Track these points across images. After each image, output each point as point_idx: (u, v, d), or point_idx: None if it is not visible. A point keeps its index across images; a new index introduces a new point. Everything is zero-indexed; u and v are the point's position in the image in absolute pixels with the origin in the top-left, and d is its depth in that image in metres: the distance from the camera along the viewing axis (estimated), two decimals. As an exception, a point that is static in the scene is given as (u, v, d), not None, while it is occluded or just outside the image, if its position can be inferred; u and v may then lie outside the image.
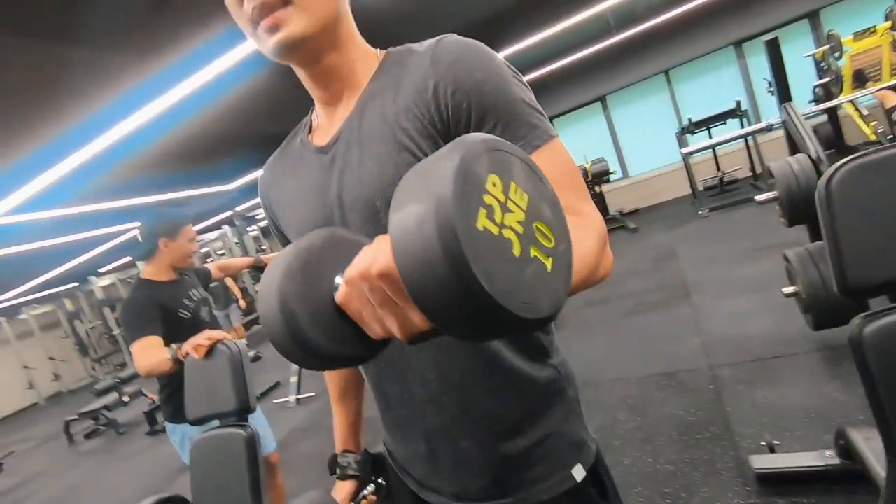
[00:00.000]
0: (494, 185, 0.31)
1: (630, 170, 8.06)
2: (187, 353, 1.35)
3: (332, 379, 0.88)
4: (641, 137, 7.83)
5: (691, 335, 2.92)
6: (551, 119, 8.26)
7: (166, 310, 1.74)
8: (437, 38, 0.60)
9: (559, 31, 5.01)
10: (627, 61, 7.18)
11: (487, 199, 0.30)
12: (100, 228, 6.01)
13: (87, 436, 5.97)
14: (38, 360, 10.78)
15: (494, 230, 0.30)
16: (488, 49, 0.59)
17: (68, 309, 10.62)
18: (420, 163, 0.33)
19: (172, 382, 1.73)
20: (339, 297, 0.38)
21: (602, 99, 7.89)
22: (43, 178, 3.54)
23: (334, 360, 0.43)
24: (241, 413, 1.30)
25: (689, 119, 6.29)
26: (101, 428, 5.94)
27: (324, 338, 0.40)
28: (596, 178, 6.89)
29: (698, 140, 6.44)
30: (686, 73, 7.35)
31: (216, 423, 1.35)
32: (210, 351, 1.33)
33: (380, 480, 0.87)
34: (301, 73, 0.64)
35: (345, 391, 0.88)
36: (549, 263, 0.33)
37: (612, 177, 7.02)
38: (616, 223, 6.92)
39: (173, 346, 1.46)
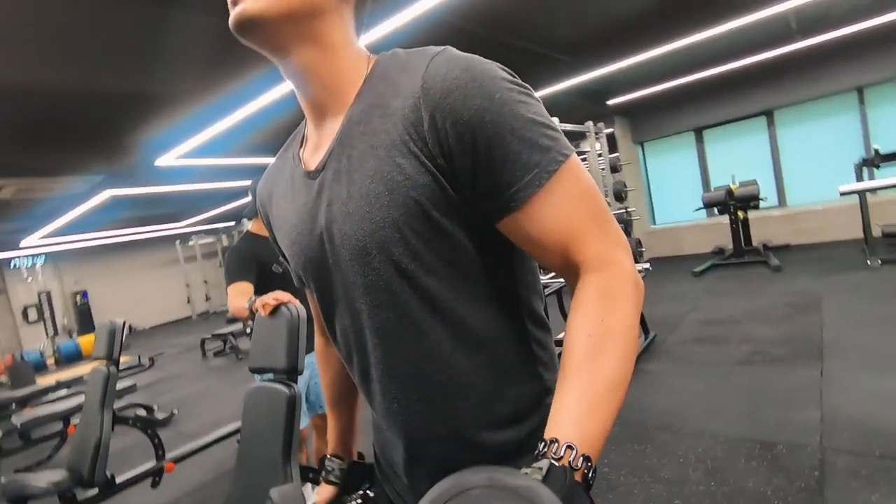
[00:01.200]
0: None
1: (789, 198, 6.98)
2: (257, 309, 1.50)
3: (324, 385, 0.88)
4: (810, 163, 6.71)
5: (810, 405, 2.47)
6: (701, 130, 7.49)
7: (262, 262, 1.95)
8: (431, 54, 0.54)
9: (727, 31, 4.43)
10: (808, 73, 6.18)
11: None
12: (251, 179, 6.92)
13: (216, 354, 7.01)
14: (197, 281, 12.88)
15: None
16: (486, 65, 0.53)
17: (223, 243, 12.44)
18: None
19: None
20: None
21: (768, 114, 6.90)
22: (212, 129, 4.17)
23: None
24: (290, 373, 1.41)
25: (876, 150, 5.20)
26: (227, 350, 6.94)
27: None
28: (741, 202, 6.09)
29: (887, 175, 5.32)
30: (888, 94, 6.08)
31: (271, 375, 1.49)
32: (275, 310, 1.46)
33: (367, 492, 0.84)
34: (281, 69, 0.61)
35: (339, 398, 0.88)
36: None
37: (762, 203, 6.14)
38: (755, 257, 6.06)
39: (252, 297, 1.64)
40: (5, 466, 3.56)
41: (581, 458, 0.43)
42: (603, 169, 6.35)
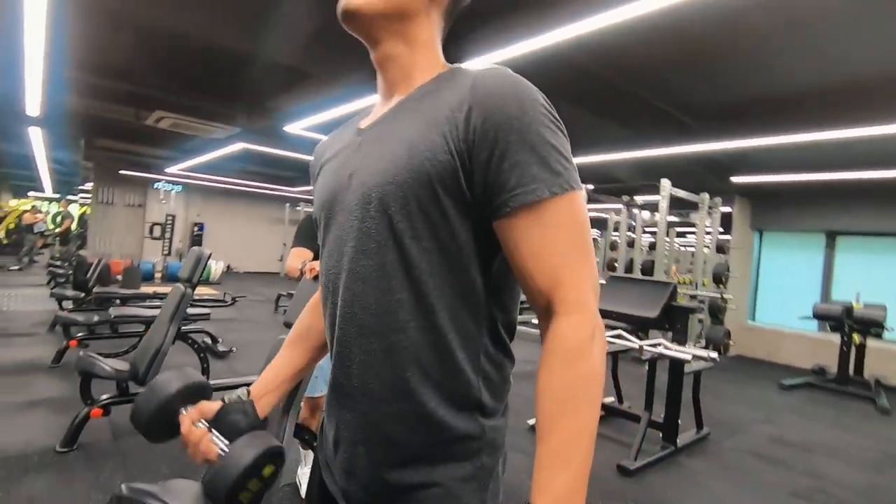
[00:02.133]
0: None
1: (925, 338, 5.97)
2: (306, 271, 1.63)
3: (295, 324, 0.89)
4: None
5: (864, 570, 2.11)
6: (835, 234, 6.68)
7: (328, 234, 2.12)
8: (490, 66, 0.62)
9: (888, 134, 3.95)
10: None
11: None
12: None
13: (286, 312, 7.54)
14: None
15: None
16: (531, 89, 0.60)
17: (325, 217, 13.35)
18: None
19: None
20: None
21: (925, 236, 6.00)
22: (337, 110, 4.55)
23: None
24: (314, 336, 1.52)
25: None
26: (295, 311, 7.43)
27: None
28: (861, 325, 5.33)
29: None
30: None
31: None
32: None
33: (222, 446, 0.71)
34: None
35: (296, 340, 0.87)
36: None
37: (886, 333, 5.33)
38: (862, 390, 5.25)
39: (306, 261, 1.78)
40: (92, 347, 4.13)
41: None
42: (707, 246, 5.93)
